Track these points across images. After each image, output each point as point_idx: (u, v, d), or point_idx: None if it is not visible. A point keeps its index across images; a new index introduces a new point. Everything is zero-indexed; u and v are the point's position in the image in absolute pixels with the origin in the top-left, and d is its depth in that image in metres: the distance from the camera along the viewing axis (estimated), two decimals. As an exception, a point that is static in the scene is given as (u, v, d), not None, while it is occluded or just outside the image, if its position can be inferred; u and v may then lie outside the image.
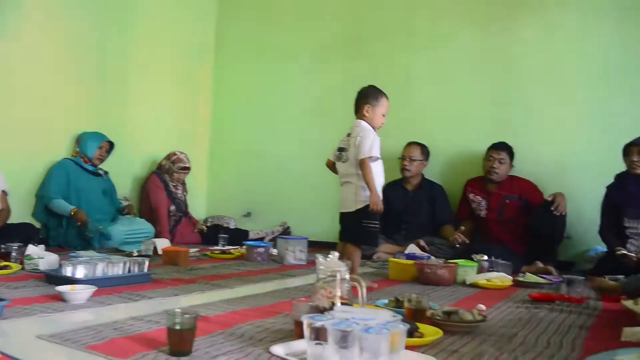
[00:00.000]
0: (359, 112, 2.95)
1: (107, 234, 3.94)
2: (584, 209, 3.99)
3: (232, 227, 5.12)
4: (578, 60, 4.19)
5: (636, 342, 1.78)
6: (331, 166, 3.06)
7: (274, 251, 3.90)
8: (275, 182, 5.31)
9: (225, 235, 4.39)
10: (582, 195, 4.02)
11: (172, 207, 4.68)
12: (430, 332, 1.72)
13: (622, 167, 3.63)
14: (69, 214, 3.92)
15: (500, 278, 3.05)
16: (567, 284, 2.76)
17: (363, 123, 2.90)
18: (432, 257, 3.50)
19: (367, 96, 2.95)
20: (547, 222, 3.76)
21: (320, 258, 1.78)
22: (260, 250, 3.76)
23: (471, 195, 4.21)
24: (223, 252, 3.96)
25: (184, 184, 4.90)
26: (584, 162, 4.15)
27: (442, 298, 2.59)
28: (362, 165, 2.80)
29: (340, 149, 2.95)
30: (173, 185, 4.76)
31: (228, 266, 3.46)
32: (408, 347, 1.53)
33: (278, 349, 1.49)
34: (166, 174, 4.73)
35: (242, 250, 3.93)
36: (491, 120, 4.44)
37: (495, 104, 4.45)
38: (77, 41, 4.36)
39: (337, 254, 1.77)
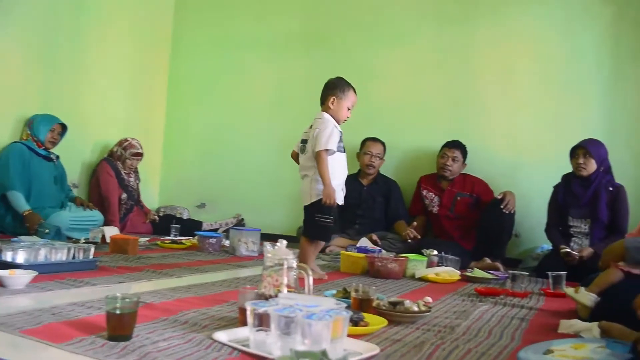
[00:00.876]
0: (324, 104, 2.92)
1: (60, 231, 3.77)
2: (532, 208, 4.10)
3: (185, 217, 5.04)
4: (532, 62, 4.30)
5: (573, 334, 1.84)
6: (295, 157, 3.03)
7: (226, 242, 3.87)
8: (232, 173, 5.26)
9: (178, 226, 4.32)
10: (532, 195, 4.13)
11: (124, 196, 4.58)
12: (376, 322, 1.74)
13: (570, 168, 3.74)
14: (21, 212, 3.74)
15: (449, 272, 3.11)
16: (512, 280, 2.83)
17: (325, 115, 2.88)
18: (383, 251, 3.54)
19: (334, 88, 2.91)
20: (496, 219, 3.85)
21: (268, 246, 1.77)
22: (212, 240, 3.72)
23: (424, 192, 4.27)
24: (174, 242, 3.90)
25: (136, 172, 4.80)
26: (534, 162, 4.26)
27: (391, 291, 2.62)
28: (318, 157, 2.78)
29: (303, 141, 2.93)
30: (125, 173, 4.65)
31: (178, 256, 3.41)
32: (352, 336, 1.54)
33: (221, 335, 1.47)
34: (118, 161, 4.62)
35: (194, 240, 3.88)
36: (447, 118, 4.51)
37: (451, 102, 4.52)
38: (27, 23, 4.20)
39: (285, 242, 1.76)
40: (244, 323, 1.54)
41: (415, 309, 1.89)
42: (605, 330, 1.70)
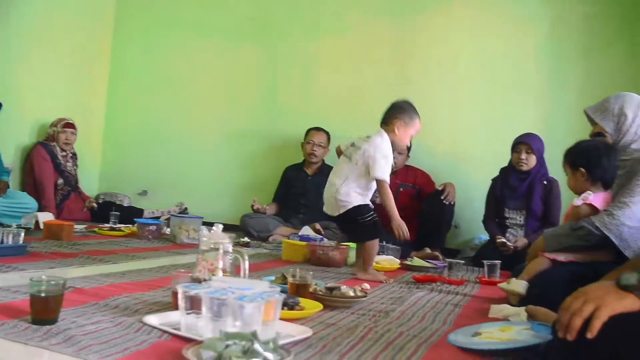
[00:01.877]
0: (387, 125, 2.75)
1: None
2: (472, 200, 4.20)
3: (125, 205, 4.92)
4: (475, 59, 4.40)
5: (502, 318, 1.90)
6: (339, 152, 2.91)
7: (167, 230, 3.80)
8: (176, 161, 5.16)
9: (117, 213, 4.20)
10: (471, 187, 4.23)
11: (60, 181, 4.42)
12: (311, 306, 1.75)
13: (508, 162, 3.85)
14: None
15: (389, 261, 3.16)
16: (449, 268, 2.90)
17: (386, 137, 2.71)
18: (325, 239, 3.56)
19: (403, 112, 2.75)
20: (436, 210, 3.93)
21: (204, 230, 1.75)
22: (152, 228, 3.64)
23: (368, 182, 4.31)
24: (113, 229, 3.80)
25: (74, 157, 4.63)
26: (475, 155, 4.37)
27: (331, 278, 2.64)
28: (380, 186, 2.67)
29: (353, 144, 2.77)
30: (62, 156, 4.49)
31: (116, 243, 3.32)
32: (287, 320, 1.54)
33: (151, 319, 1.45)
34: (54, 142, 4.45)
35: (133, 228, 3.79)
36: (390, 109, 4.56)
37: (396, 95, 4.54)
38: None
39: (220, 226, 1.74)
40: (177, 307, 1.52)
41: (352, 294, 1.91)
42: (532, 314, 1.76)
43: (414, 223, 4.09)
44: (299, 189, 4.42)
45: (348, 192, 2.69)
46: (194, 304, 1.38)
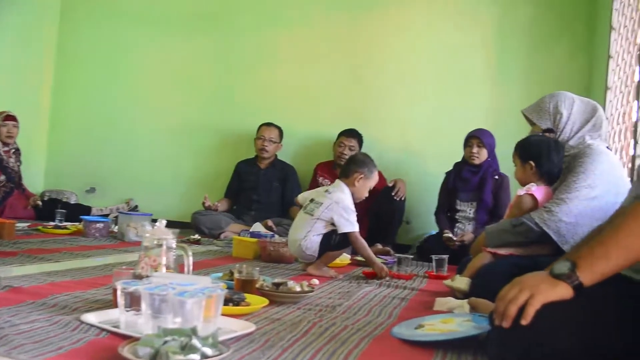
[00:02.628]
0: (347, 178, 2.79)
1: None
2: (423, 196, 4.27)
3: (72, 202, 4.78)
4: (427, 56, 4.47)
5: (446, 311, 1.94)
6: (299, 205, 2.93)
7: (115, 228, 3.71)
8: (125, 156, 5.05)
9: (63, 211, 4.06)
10: (423, 183, 4.30)
11: (2, 178, 4.26)
12: (257, 302, 1.74)
13: (460, 157, 3.91)
14: None
15: (340, 257, 3.17)
16: (398, 263, 2.93)
17: (348, 192, 2.74)
18: (276, 236, 3.55)
19: (363, 165, 2.80)
20: (387, 206, 3.97)
21: (147, 226, 1.72)
22: (99, 225, 3.56)
23: (320, 179, 4.32)
24: (57, 227, 3.68)
25: (17, 152, 4.47)
26: (427, 151, 4.44)
27: (282, 275, 2.63)
28: (353, 239, 2.68)
29: (312, 200, 2.77)
30: (4, 151, 4.32)
31: (60, 241, 3.23)
32: (232, 316, 1.53)
33: (90, 317, 1.41)
34: (-6, 139, 4.29)
35: (79, 226, 3.69)
36: (344, 106, 4.59)
37: (349, 90, 4.61)
38: None
39: (164, 222, 1.71)
40: (117, 305, 1.48)
41: (298, 289, 1.91)
42: (474, 306, 1.80)
43: (365, 219, 4.13)
44: (251, 183, 4.40)
45: (311, 246, 2.69)
46: (134, 301, 1.35)
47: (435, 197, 4.03)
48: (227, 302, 1.64)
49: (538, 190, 2.29)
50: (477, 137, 3.75)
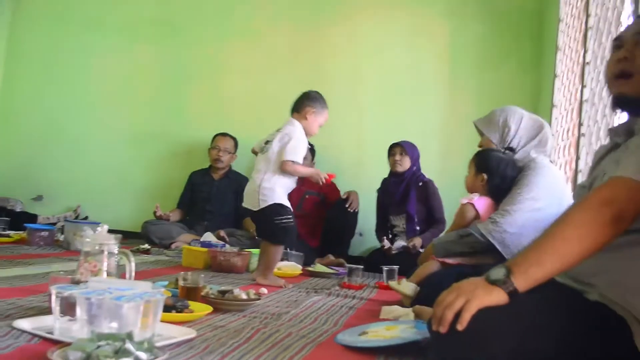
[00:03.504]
0: (299, 112, 2.82)
1: None
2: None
3: (18, 210, 4.62)
4: (379, 67, 4.53)
5: (392, 319, 1.95)
6: (255, 153, 2.91)
7: (62, 236, 3.60)
8: (74, 164, 4.91)
9: (7, 219, 3.94)
10: (376, 195, 4.33)
11: (-58, 183, 4.09)
12: (201, 309, 1.71)
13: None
14: None
15: (291, 267, 3.17)
16: (349, 273, 2.94)
17: (298, 124, 2.78)
18: (227, 245, 3.51)
19: (315, 100, 2.84)
20: (340, 218, 3.99)
21: (88, 230, 1.68)
22: (44, 234, 3.45)
23: (274, 189, 4.31)
24: (0, 235, 3.55)
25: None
26: (379, 163, 4.46)
27: (232, 285, 2.59)
28: (285, 166, 2.67)
29: (267, 142, 2.78)
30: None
31: (2, 249, 3.11)
32: (175, 322, 1.50)
33: (23, 323, 1.36)
34: None
35: (23, 234, 3.57)
36: (298, 117, 4.60)
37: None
38: None
39: (106, 227, 1.68)
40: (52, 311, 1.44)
41: (244, 297, 1.89)
42: (418, 314, 1.83)
43: (319, 230, 4.15)
44: (204, 194, 4.35)
45: (272, 187, 2.70)
46: (70, 308, 1.31)
47: (389, 209, 4.08)
48: (169, 309, 1.61)
49: (479, 201, 2.37)
50: (400, 146, 3.83)
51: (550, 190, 2.27)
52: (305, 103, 2.84)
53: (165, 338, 1.33)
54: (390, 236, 3.88)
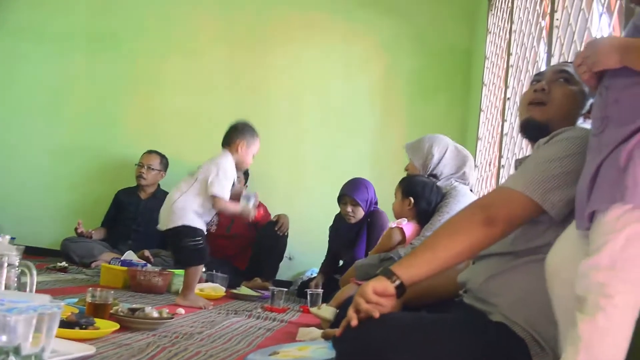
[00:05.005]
0: (230, 145, 2.78)
1: None
2: (308, 232, 4.29)
3: None
4: (316, 95, 4.58)
5: (309, 341, 1.94)
6: None
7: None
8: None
9: None
10: (308, 219, 4.33)
11: None
12: (107, 327, 1.65)
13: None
14: None
15: (214, 288, 3.11)
16: (272, 296, 2.92)
17: (230, 158, 2.75)
18: (149, 265, 3.41)
19: (244, 132, 2.81)
20: (269, 240, 3.96)
21: (-13, 241, 1.59)
22: (-49, 247, 3.23)
23: (204, 210, 4.24)
24: None
25: None
26: (313, 187, 4.49)
27: (149, 304, 2.51)
28: (215, 202, 2.64)
29: (199, 167, 2.78)
30: None
31: None
32: (78, 339, 1.44)
33: None
34: None
35: None
36: (233, 139, 4.57)
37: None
38: None
39: (7, 237, 1.59)
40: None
41: (156, 315, 1.84)
42: (326, 336, 1.82)
43: (248, 252, 4.10)
44: (130, 213, 4.22)
45: (184, 206, 2.65)
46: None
47: (320, 234, 4.05)
48: (73, 325, 1.55)
49: (408, 226, 2.42)
50: (350, 196, 3.46)
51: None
52: (234, 136, 2.81)
53: (61, 354, 1.27)
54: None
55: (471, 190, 2.65)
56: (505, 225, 1.26)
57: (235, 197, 2.89)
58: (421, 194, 2.41)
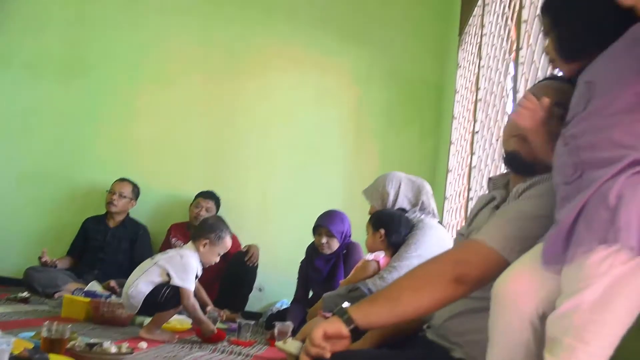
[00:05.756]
0: (196, 241, 2.77)
1: None
2: (278, 263, 4.25)
3: None
4: (288, 125, 4.57)
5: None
6: None
7: None
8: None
9: None
10: (279, 250, 4.29)
11: None
12: (60, 362, 1.59)
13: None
14: None
15: (179, 321, 3.04)
16: (238, 329, 2.86)
17: (194, 252, 2.74)
18: (113, 296, 3.33)
19: (211, 231, 2.79)
20: (239, 271, 3.91)
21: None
22: None
23: (173, 240, 4.18)
24: None
25: None
26: (284, 218, 4.47)
27: (110, 337, 2.44)
28: (183, 295, 2.60)
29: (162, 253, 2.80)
30: None
31: None
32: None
33: None
34: None
35: None
36: (204, 167, 4.54)
37: (210, 152, 4.58)
38: None
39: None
40: None
41: (114, 350, 1.78)
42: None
43: (216, 283, 4.03)
44: (98, 242, 4.14)
45: (136, 294, 2.61)
46: None
47: (291, 265, 4.01)
48: (25, 362, 1.49)
49: (384, 259, 2.42)
50: (325, 227, 3.38)
51: (435, 249, 2.32)
52: (201, 234, 2.81)
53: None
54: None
55: (439, 222, 2.67)
56: (476, 286, 1.23)
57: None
58: (391, 225, 2.43)
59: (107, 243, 4.14)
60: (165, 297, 2.58)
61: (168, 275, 2.61)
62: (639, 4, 1.03)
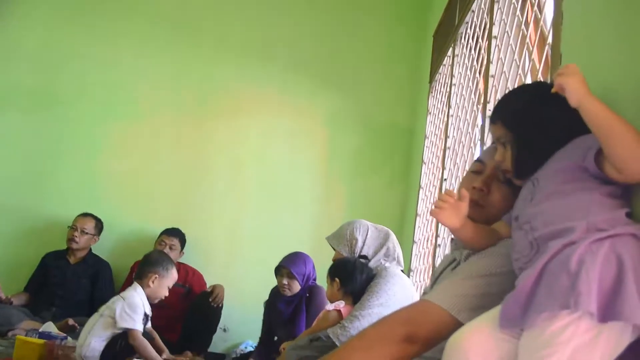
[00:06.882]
0: (142, 279, 2.80)
1: None
2: (243, 303, 4.19)
3: None
4: (258, 167, 4.57)
5: None
6: None
7: None
8: None
9: None
10: (245, 290, 4.23)
11: None
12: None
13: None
14: None
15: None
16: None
17: (141, 291, 2.75)
18: (69, 338, 3.21)
19: (157, 265, 2.83)
20: (203, 311, 3.84)
21: None
22: None
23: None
24: None
25: None
26: (253, 258, 4.39)
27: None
28: (133, 337, 2.59)
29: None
30: None
31: None
32: None
33: None
34: None
35: None
36: (171, 204, 4.48)
37: (178, 189, 4.53)
38: None
39: None
40: None
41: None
42: None
43: (179, 323, 3.93)
44: (57, 278, 4.01)
45: (91, 354, 2.60)
46: None
47: (257, 306, 3.93)
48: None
49: (345, 309, 2.41)
50: (286, 268, 3.31)
51: (399, 297, 2.34)
52: (146, 270, 2.85)
53: None
54: None
55: (402, 271, 2.66)
56: (427, 345, 1.22)
57: None
58: (345, 274, 2.45)
59: (67, 280, 4.02)
60: (121, 347, 2.52)
61: (116, 322, 2.57)
62: (582, 102, 1.07)
